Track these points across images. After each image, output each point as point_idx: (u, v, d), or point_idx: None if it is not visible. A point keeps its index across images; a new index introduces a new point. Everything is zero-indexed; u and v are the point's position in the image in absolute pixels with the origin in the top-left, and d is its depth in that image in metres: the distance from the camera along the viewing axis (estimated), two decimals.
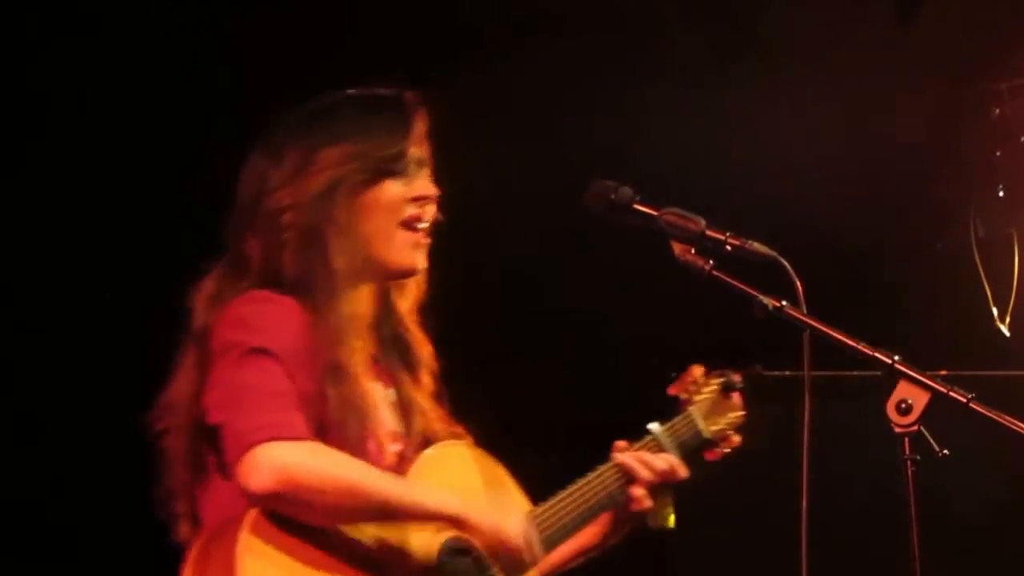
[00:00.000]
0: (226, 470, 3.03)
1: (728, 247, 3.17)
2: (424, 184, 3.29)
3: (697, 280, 3.17)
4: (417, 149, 3.29)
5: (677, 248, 3.21)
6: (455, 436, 3.36)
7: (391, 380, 3.35)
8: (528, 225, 5.69)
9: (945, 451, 2.98)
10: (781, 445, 3.12)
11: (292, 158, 3.23)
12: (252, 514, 2.99)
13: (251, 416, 2.99)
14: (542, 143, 5.70)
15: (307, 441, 3.00)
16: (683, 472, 3.43)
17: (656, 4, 5.62)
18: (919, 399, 2.97)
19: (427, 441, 3.32)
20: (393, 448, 3.26)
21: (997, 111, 5.76)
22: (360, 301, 3.26)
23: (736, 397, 3.59)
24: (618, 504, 3.40)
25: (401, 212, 3.26)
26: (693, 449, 3.51)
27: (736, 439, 3.61)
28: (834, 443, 3.43)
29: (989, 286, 5.86)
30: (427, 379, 3.39)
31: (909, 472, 2.97)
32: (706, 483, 3.41)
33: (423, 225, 3.29)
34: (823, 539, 2.99)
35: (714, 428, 3.58)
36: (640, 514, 3.43)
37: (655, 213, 3.24)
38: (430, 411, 3.37)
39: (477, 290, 5.91)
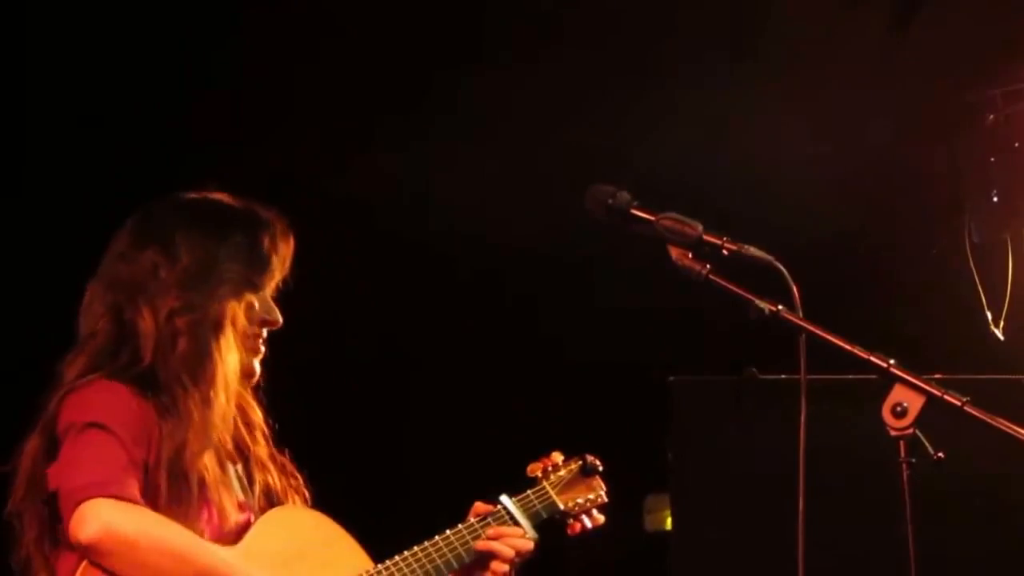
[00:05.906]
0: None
1: (725, 251, 3.17)
2: (275, 311, 3.49)
3: (694, 284, 3.18)
4: (280, 274, 3.51)
5: (674, 252, 3.21)
6: (294, 488, 3.56)
7: (238, 453, 3.52)
8: (528, 227, 5.71)
9: (940, 454, 2.99)
10: (778, 448, 3.14)
11: (190, 257, 3.39)
12: (81, 571, 3.17)
13: (81, 476, 3.17)
14: (540, 148, 5.72)
15: (138, 505, 3.17)
16: (529, 545, 3.61)
17: (655, 11, 5.64)
18: (914, 402, 2.97)
19: (269, 499, 3.51)
20: (240, 517, 3.41)
21: (991, 117, 5.78)
22: (231, 402, 3.43)
23: (597, 480, 3.78)
24: (464, 566, 3.56)
25: (255, 325, 3.47)
26: (546, 520, 3.68)
27: (600, 518, 3.78)
28: (830, 446, 3.45)
29: (984, 291, 5.88)
30: (262, 439, 3.56)
31: (904, 475, 2.98)
32: (706, 485, 3.42)
33: (263, 339, 3.51)
34: (820, 541, 3.01)
35: (570, 503, 3.72)
36: None
37: (652, 218, 3.25)
38: (269, 466, 3.55)
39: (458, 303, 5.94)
